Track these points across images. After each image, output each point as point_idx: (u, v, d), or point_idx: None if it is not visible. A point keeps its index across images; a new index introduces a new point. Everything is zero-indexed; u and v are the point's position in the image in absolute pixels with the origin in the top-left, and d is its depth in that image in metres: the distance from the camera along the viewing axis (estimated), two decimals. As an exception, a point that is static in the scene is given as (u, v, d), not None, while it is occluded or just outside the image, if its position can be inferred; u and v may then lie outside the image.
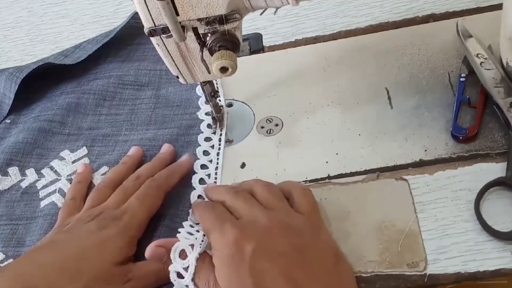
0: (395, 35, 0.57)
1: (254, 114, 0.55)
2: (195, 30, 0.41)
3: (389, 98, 0.52)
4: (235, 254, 0.38)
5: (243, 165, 0.51)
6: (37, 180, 0.57)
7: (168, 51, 0.43)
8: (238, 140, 0.53)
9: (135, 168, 0.52)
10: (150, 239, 0.46)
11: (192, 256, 0.40)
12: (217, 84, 0.57)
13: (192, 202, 0.47)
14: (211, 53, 0.40)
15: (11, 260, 0.50)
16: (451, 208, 0.43)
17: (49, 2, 0.77)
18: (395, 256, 0.41)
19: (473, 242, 0.41)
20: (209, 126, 0.54)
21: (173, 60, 0.44)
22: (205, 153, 0.53)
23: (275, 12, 0.42)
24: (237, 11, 0.40)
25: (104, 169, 0.55)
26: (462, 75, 0.50)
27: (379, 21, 0.60)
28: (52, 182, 0.55)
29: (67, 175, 0.56)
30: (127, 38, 0.67)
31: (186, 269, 0.39)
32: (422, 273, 0.40)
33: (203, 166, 0.51)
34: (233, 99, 0.56)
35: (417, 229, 0.42)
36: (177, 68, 0.45)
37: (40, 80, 0.64)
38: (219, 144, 0.53)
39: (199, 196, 0.48)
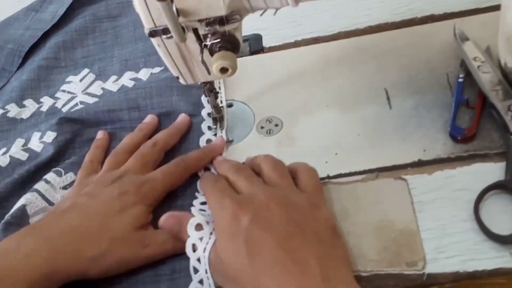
0: (394, 36, 0.58)
1: (254, 114, 0.55)
2: (195, 31, 0.41)
3: (388, 98, 0.52)
4: (232, 225, 0.39)
5: (243, 165, 0.51)
6: (55, 102, 0.60)
7: (168, 51, 0.43)
8: (238, 140, 0.53)
9: (151, 135, 0.53)
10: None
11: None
12: (219, 84, 0.57)
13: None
14: (211, 54, 0.41)
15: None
16: (449, 207, 0.43)
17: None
18: (394, 255, 0.41)
19: (471, 241, 0.41)
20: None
21: (174, 61, 0.45)
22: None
23: (275, 13, 0.42)
24: (237, 12, 0.40)
25: (113, 78, 0.59)
26: (460, 75, 0.50)
27: (378, 22, 0.60)
28: (70, 100, 0.58)
29: (82, 91, 0.59)
30: None
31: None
32: (421, 272, 0.40)
33: None
34: (233, 100, 0.57)
35: (416, 228, 0.42)
36: (178, 68, 0.46)
37: None
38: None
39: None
